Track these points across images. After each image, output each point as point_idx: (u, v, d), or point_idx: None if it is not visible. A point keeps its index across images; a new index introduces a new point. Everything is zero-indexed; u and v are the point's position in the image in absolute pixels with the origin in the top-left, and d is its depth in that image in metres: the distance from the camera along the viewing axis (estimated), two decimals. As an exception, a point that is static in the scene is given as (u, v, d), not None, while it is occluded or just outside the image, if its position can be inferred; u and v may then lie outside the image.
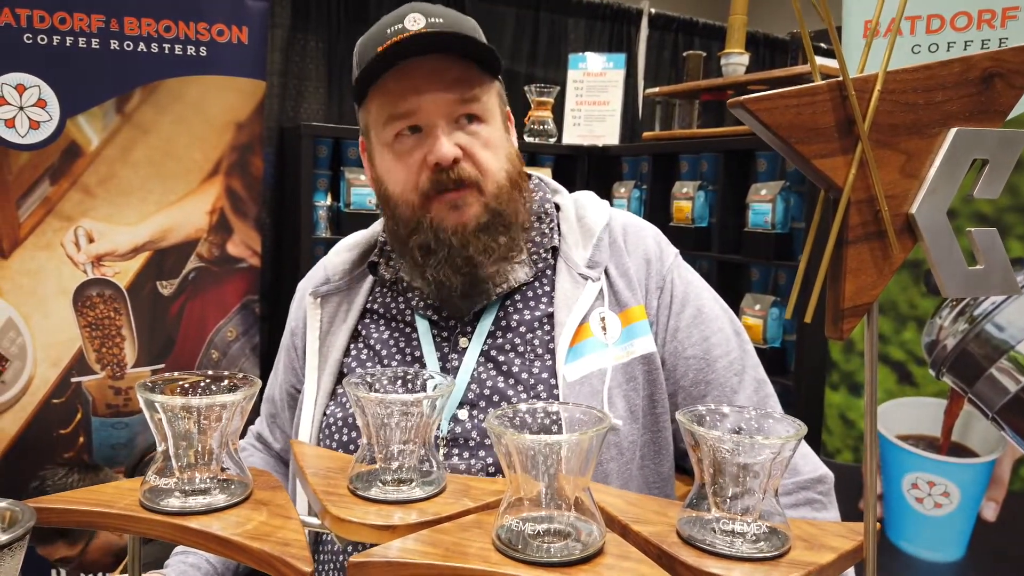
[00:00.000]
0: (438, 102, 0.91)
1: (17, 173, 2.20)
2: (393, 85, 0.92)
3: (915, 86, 0.54)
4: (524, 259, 0.99)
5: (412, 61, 0.90)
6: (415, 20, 0.91)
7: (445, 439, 0.92)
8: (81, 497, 0.67)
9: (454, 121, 0.92)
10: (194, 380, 0.72)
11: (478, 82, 0.93)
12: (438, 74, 0.91)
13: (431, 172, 0.91)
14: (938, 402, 1.83)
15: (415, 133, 0.93)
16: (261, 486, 0.71)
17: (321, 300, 1.04)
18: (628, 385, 0.93)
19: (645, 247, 1.00)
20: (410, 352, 0.98)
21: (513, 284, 0.97)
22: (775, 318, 2.37)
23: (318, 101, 2.98)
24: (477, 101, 0.93)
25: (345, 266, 1.05)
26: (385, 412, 0.70)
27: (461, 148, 0.92)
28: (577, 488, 0.61)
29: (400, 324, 1.00)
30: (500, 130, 0.97)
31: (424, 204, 0.93)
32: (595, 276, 0.96)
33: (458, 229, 0.92)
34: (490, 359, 0.95)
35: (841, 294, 0.54)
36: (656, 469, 0.96)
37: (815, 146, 0.52)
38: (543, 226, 1.02)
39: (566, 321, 0.93)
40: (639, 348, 0.94)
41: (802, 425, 0.63)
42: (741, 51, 2.62)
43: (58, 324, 2.28)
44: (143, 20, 2.24)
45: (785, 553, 0.60)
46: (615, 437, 0.91)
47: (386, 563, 0.58)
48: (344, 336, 1.00)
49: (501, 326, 0.96)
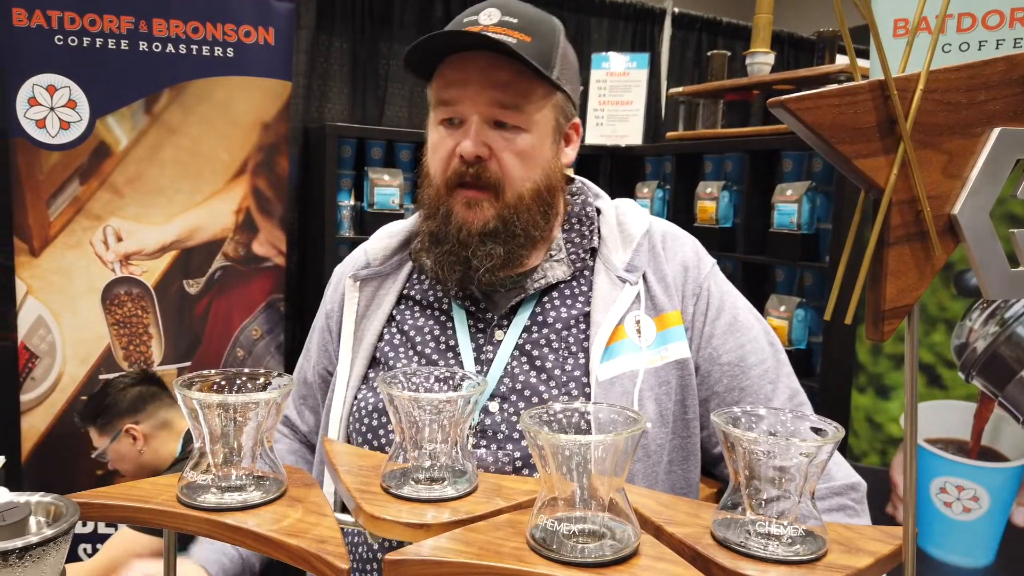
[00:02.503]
0: (477, 99, 0.92)
1: (48, 173, 2.24)
2: (448, 72, 0.94)
3: (958, 85, 0.54)
4: (563, 257, 1.00)
5: (470, 53, 0.92)
6: (490, 15, 0.93)
7: (474, 429, 0.93)
8: (120, 493, 0.68)
9: (490, 121, 0.93)
10: (230, 378, 0.73)
11: (526, 90, 0.93)
12: (488, 72, 0.92)
13: (458, 163, 0.93)
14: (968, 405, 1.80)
15: (456, 122, 0.94)
16: (295, 483, 0.72)
17: (360, 284, 1.04)
18: (660, 389, 0.93)
19: (683, 255, 1.01)
20: (444, 340, 0.98)
21: (551, 280, 0.98)
22: (800, 319, 2.35)
23: (342, 102, 2.99)
24: (517, 108, 0.93)
25: (386, 251, 1.06)
26: (418, 410, 0.71)
27: (490, 148, 0.93)
28: (611, 489, 0.61)
29: (436, 312, 1.01)
30: (542, 142, 0.96)
31: (446, 192, 0.95)
32: (633, 280, 0.96)
33: (464, 227, 0.94)
34: (524, 353, 0.95)
35: (882, 296, 0.53)
36: (684, 475, 0.96)
37: (856, 146, 0.52)
38: (584, 228, 1.02)
39: (602, 321, 0.93)
40: (673, 353, 0.94)
41: (839, 428, 0.62)
42: (767, 50, 2.60)
43: (87, 322, 2.31)
44: (171, 21, 2.27)
45: (822, 556, 0.60)
46: (643, 439, 0.91)
47: (421, 561, 0.59)
48: (379, 321, 1.01)
49: (537, 321, 0.97)
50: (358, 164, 2.85)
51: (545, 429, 0.62)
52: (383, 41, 3.05)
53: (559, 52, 0.95)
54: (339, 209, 2.77)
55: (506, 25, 0.92)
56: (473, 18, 0.93)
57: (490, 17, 0.93)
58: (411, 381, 0.77)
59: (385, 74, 3.06)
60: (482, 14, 0.93)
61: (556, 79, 0.93)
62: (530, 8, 0.96)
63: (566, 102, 0.98)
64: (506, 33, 0.91)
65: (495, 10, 0.93)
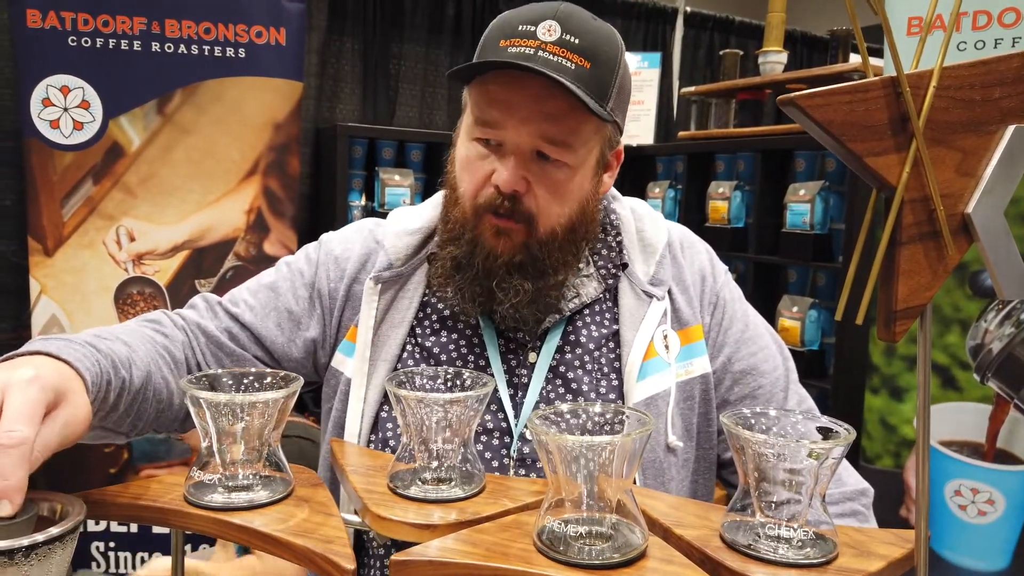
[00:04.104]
0: (522, 129, 0.84)
1: (62, 173, 2.25)
2: (494, 89, 0.85)
3: (972, 82, 0.53)
4: (592, 272, 0.96)
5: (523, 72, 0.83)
6: (550, 30, 0.83)
7: (513, 460, 0.90)
8: (127, 492, 0.68)
9: (532, 152, 0.86)
10: (237, 377, 0.73)
11: (576, 127, 0.85)
12: (538, 100, 0.83)
13: (492, 192, 0.87)
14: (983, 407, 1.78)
15: (494, 143, 0.88)
16: (302, 483, 0.72)
17: (381, 287, 0.96)
18: (685, 404, 0.92)
19: (700, 263, 0.99)
20: (473, 360, 0.93)
21: (585, 300, 0.94)
22: (813, 320, 2.33)
23: (353, 102, 3.00)
24: (565, 145, 0.85)
25: (408, 251, 0.97)
26: (425, 411, 0.70)
27: (528, 181, 0.86)
28: (619, 490, 0.60)
29: (461, 325, 0.95)
30: (584, 174, 0.90)
31: (474, 217, 0.89)
32: (659, 295, 0.93)
33: (491, 255, 0.88)
34: (558, 375, 0.92)
35: (894, 296, 0.53)
36: (705, 484, 0.96)
37: (868, 144, 0.51)
38: (609, 239, 0.98)
39: (633, 340, 0.91)
40: (697, 368, 0.93)
41: (850, 430, 0.62)
42: (780, 49, 2.58)
43: (99, 321, 2.32)
44: (184, 22, 2.28)
45: (833, 560, 0.59)
46: (674, 458, 0.91)
47: (427, 562, 0.58)
48: (401, 332, 0.94)
49: (569, 341, 0.93)
50: (369, 164, 2.85)
51: (552, 430, 0.61)
52: (394, 41, 3.05)
53: (617, 81, 0.86)
54: (350, 209, 2.77)
55: (566, 46, 0.82)
56: (530, 28, 0.83)
57: (550, 33, 0.83)
58: (417, 381, 0.77)
59: (396, 74, 3.06)
60: (541, 26, 0.83)
61: (610, 111, 0.86)
62: (593, 23, 0.86)
63: (614, 131, 0.92)
64: (565, 56, 0.82)
65: (556, 24, 0.83)
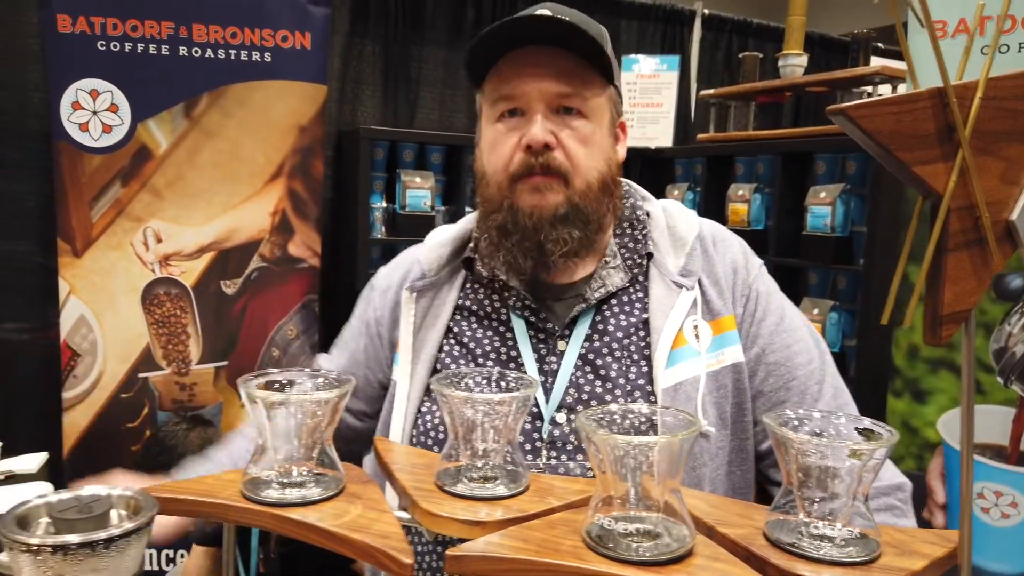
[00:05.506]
0: (540, 89, 0.92)
1: (90, 175, 2.29)
2: (505, 68, 0.94)
3: (1016, 93, 0.54)
4: (619, 264, 1.00)
5: (527, 48, 0.93)
6: (543, 10, 0.93)
7: (544, 442, 0.93)
8: (186, 487, 0.70)
9: (554, 110, 0.93)
10: (291, 377, 0.75)
11: (587, 79, 0.94)
12: (547, 63, 0.92)
13: (524, 154, 0.93)
14: (1006, 410, 1.78)
15: (516, 116, 0.95)
16: (353, 480, 0.74)
17: (416, 295, 1.03)
18: (718, 393, 0.94)
19: (732, 255, 1.02)
20: (506, 352, 0.98)
21: (611, 289, 0.98)
22: (834, 322, 2.33)
23: (375, 105, 3.03)
24: (580, 96, 0.93)
25: (441, 261, 1.04)
26: (471, 411, 0.72)
27: (556, 137, 0.93)
28: (667, 490, 0.62)
29: (495, 323, 1.00)
30: (603, 131, 0.97)
31: (511, 185, 0.95)
32: (689, 285, 0.96)
33: (534, 212, 0.93)
34: (588, 363, 0.95)
35: (940, 301, 0.54)
36: (743, 475, 0.97)
37: (916, 153, 0.53)
38: (636, 232, 1.02)
39: (663, 328, 0.94)
40: (729, 357, 0.95)
41: (893, 432, 0.63)
42: (800, 52, 2.59)
43: (127, 321, 2.36)
44: (211, 27, 2.31)
45: (876, 559, 0.61)
46: (707, 444, 0.92)
47: (482, 557, 0.60)
48: (438, 332, 1.01)
49: (598, 330, 0.97)
50: (390, 166, 2.88)
51: (601, 430, 0.63)
52: (415, 45, 3.07)
53: (610, 51, 0.96)
54: (372, 211, 2.80)
55: (562, 14, 0.93)
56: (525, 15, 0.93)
57: (545, 11, 0.93)
58: (463, 382, 0.79)
59: (417, 77, 3.09)
60: (534, 8, 0.94)
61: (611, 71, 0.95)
62: (579, 12, 0.97)
63: (617, 98, 1.00)
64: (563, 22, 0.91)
65: (547, 11, 0.93)
